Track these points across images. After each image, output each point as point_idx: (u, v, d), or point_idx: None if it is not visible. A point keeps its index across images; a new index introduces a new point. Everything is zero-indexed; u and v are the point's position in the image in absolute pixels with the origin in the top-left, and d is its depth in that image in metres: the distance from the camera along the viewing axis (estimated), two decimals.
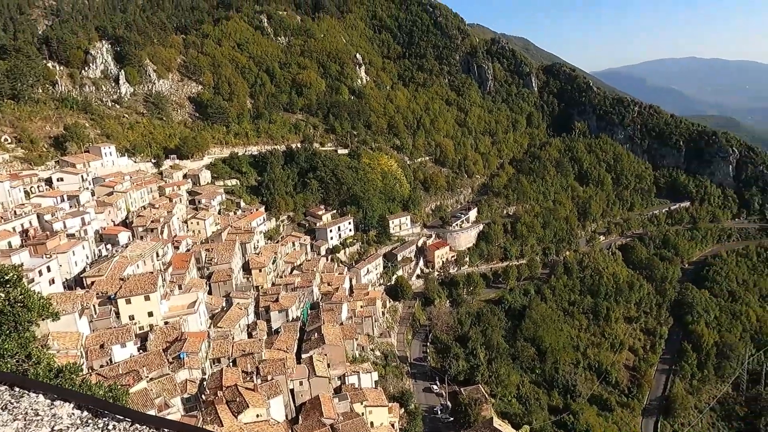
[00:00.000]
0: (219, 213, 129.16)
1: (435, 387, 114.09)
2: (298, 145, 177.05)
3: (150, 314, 72.48)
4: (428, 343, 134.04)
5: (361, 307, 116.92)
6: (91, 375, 55.28)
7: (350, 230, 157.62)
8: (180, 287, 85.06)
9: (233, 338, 79.55)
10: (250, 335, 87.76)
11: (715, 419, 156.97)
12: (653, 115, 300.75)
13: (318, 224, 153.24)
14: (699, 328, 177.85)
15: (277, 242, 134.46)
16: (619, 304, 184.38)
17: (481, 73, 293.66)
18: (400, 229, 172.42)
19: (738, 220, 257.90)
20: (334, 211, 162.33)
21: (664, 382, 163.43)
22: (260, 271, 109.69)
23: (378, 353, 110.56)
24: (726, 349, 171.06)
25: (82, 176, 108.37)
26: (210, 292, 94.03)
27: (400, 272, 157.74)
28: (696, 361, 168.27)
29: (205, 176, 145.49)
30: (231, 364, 72.24)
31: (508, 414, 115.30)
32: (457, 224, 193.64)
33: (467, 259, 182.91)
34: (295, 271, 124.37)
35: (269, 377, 68.93)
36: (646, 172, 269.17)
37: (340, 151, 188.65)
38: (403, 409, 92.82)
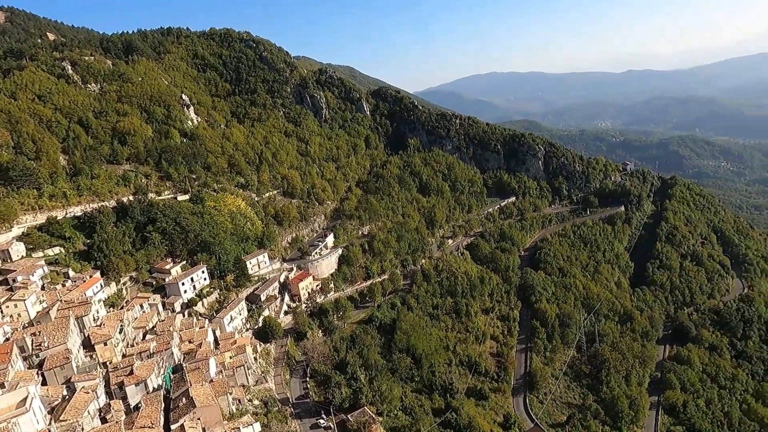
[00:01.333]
0: (43, 289, 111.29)
1: (322, 421, 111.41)
2: (130, 198, 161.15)
3: None
4: (308, 378, 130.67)
5: (231, 357, 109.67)
6: None
7: (205, 279, 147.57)
8: (2, 386, 71.04)
9: (83, 429, 68.71)
10: (104, 420, 76.49)
11: (569, 381, 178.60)
12: (472, 125, 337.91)
13: (167, 279, 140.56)
14: (542, 305, 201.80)
15: (122, 308, 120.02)
16: (475, 299, 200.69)
17: (314, 103, 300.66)
18: (259, 267, 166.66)
19: (554, 206, 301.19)
20: (184, 262, 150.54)
21: (524, 361, 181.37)
22: (105, 344, 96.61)
23: (257, 402, 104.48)
24: (565, 319, 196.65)
25: None
26: (44, 383, 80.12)
27: (266, 312, 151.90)
28: (545, 334, 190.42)
29: (18, 250, 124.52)
30: None
31: (397, 428, 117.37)
32: (316, 253, 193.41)
33: (332, 285, 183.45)
34: (148, 336, 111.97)
35: None
36: (476, 177, 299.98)
37: (180, 198, 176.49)
38: None
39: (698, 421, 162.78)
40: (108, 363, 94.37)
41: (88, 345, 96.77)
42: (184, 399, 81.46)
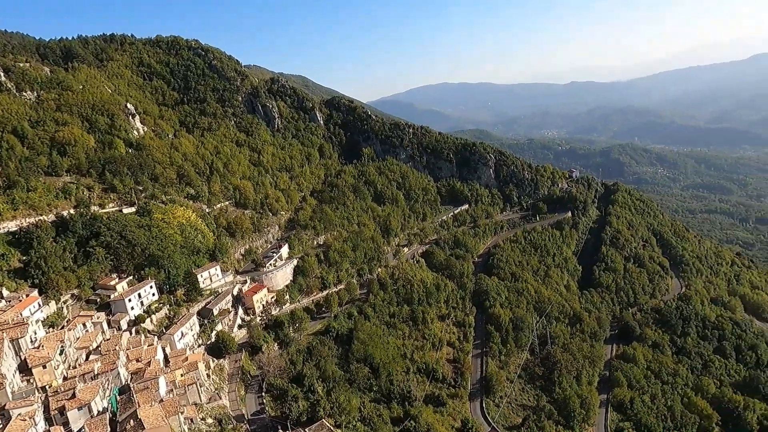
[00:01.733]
0: None
1: None
2: (71, 211, 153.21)
3: None
4: (263, 393, 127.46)
5: (182, 375, 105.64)
6: None
7: (153, 294, 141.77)
8: None
9: None
10: None
11: (523, 384, 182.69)
12: (425, 134, 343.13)
13: (112, 296, 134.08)
14: (496, 310, 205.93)
15: (63, 328, 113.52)
16: (431, 306, 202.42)
17: (266, 112, 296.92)
18: (211, 281, 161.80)
19: (505, 213, 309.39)
20: (131, 278, 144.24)
21: (480, 365, 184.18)
22: (44, 367, 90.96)
23: (210, 420, 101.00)
24: (519, 322, 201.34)
25: None
26: None
27: (219, 327, 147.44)
28: (499, 338, 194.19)
29: None
30: None
31: None
32: (270, 264, 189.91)
33: (287, 296, 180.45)
34: (92, 356, 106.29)
35: None
36: (429, 185, 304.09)
37: (125, 211, 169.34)
38: None
39: (644, 416, 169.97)
40: (47, 387, 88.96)
41: (25, 369, 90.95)
42: (132, 421, 77.72)
